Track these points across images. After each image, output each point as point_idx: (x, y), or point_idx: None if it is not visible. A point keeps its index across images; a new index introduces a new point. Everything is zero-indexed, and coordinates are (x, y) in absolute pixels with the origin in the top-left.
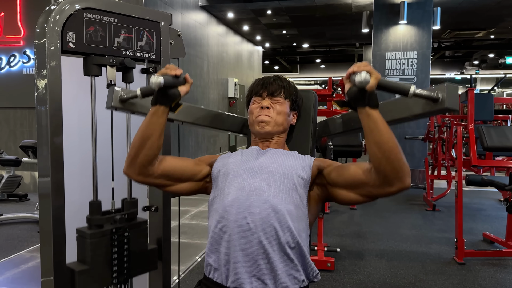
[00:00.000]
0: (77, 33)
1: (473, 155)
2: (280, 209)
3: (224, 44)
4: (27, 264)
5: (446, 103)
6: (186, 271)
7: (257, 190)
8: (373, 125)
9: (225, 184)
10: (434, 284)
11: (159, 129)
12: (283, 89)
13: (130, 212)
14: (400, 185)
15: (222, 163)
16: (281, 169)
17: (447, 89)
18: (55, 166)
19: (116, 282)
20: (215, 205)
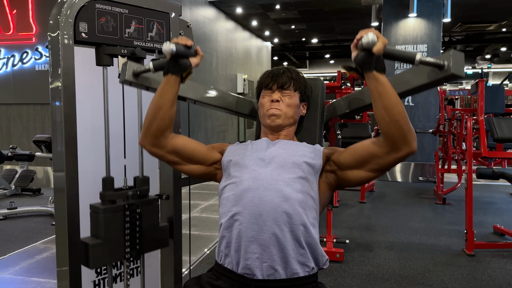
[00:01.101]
0: (89, 24)
1: (483, 147)
2: (291, 197)
3: (232, 40)
4: (42, 254)
5: (451, 69)
6: (196, 262)
7: (268, 180)
8: (381, 89)
9: (237, 174)
10: (444, 275)
11: (171, 99)
12: (293, 81)
13: (142, 189)
14: (408, 149)
15: (232, 152)
16: (292, 159)
17: (452, 55)
18: (69, 157)
19: (129, 256)
20: (226, 194)
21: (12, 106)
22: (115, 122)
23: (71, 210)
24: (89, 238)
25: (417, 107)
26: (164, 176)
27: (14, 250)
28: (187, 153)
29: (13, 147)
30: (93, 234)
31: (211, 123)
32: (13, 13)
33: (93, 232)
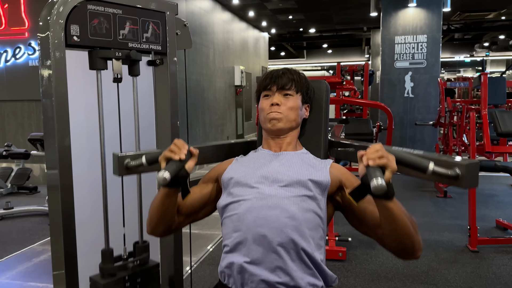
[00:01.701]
0: (81, 26)
1: (487, 141)
2: (298, 217)
3: (229, 31)
4: (39, 257)
5: (464, 184)
6: (197, 262)
7: (273, 199)
8: (389, 215)
9: (239, 192)
10: (448, 273)
11: (173, 205)
12: (294, 82)
13: (142, 257)
14: (410, 258)
15: (234, 170)
16: (297, 176)
17: (467, 167)
18: (63, 167)
19: None
20: (228, 213)
21: (6, 103)
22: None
23: (66, 211)
24: None
25: (417, 99)
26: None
27: (11, 253)
28: (195, 209)
29: (8, 145)
30: None
31: (209, 117)
32: (5, 7)
33: None
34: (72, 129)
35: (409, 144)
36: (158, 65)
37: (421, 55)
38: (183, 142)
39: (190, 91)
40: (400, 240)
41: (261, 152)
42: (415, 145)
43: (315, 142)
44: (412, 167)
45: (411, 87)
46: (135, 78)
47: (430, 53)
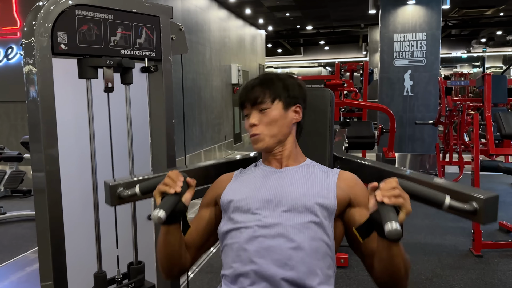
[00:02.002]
0: (69, 33)
1: (491, 143)
2: (303, 247)
3: (226, 29)
4: (32, 266)
5: (482, 219)
6: (195, 271)
7: (276, 227)
8: (388, 256)
9: (240, 218)
10: (452, 279)
11: (178, 243)
12: (268, 91)
13: (137, 279)
14: None
15: (232, 190)
16: (302, 200)
17: (486, 201)
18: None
19: None
20: (229, 241)
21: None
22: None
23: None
24: None
25: (417, 97)
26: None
27: (4, 261)
28: (205, 237)
29: (1, 147)
30: None
31: (206, 116)
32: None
33: None
34: (61, 141)
35: (408, 143)
36: (153, 72)
37: (420, 53)
38: (178, 173)
39: (186, 90)
40: (388, 279)
41: (262, 168)
42: (414, 144)
43: (319, 157)
44: (427, 201)
45: (411, 85)
46: (127, 87)
47: (430, 51)
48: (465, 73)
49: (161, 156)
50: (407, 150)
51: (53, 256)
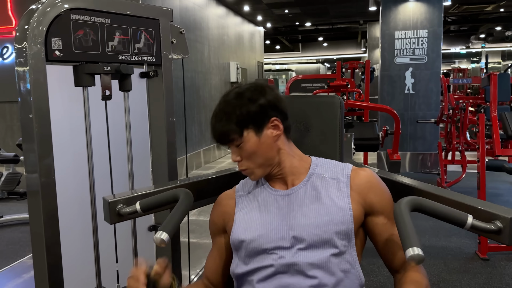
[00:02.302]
0: (64, 39)
1: (497, 144)
2: (325, 283)
3: (224, 27)
4: (29, 273)
5: (506, 240)
6: (196, 276)
7: (294, 267)
8: None
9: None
10: (459, 284)
11: None
12: (229, 128)
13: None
14: None
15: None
16: (318, 233)
17: (511, 223)
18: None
19: None
20: (245, 284)
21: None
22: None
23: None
24: None
25: (418, 95)
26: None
27: (0, 268)
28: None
29: None
30: None
31: (205, 115)
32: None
33: None
34: (57, 152)
35: (410, 142)
36: (152, 77)
37: (422, 51)
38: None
39: (185, 90)
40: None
41: (268, 191)
42: (416, 142)
43: None
44: (450, 221)
45: (412, 83)
46: (126, 94)
47: (431, 48)
48: (463, 69)
49: (162, 164)
50: (408, 149)
51: (49, 267)
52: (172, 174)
